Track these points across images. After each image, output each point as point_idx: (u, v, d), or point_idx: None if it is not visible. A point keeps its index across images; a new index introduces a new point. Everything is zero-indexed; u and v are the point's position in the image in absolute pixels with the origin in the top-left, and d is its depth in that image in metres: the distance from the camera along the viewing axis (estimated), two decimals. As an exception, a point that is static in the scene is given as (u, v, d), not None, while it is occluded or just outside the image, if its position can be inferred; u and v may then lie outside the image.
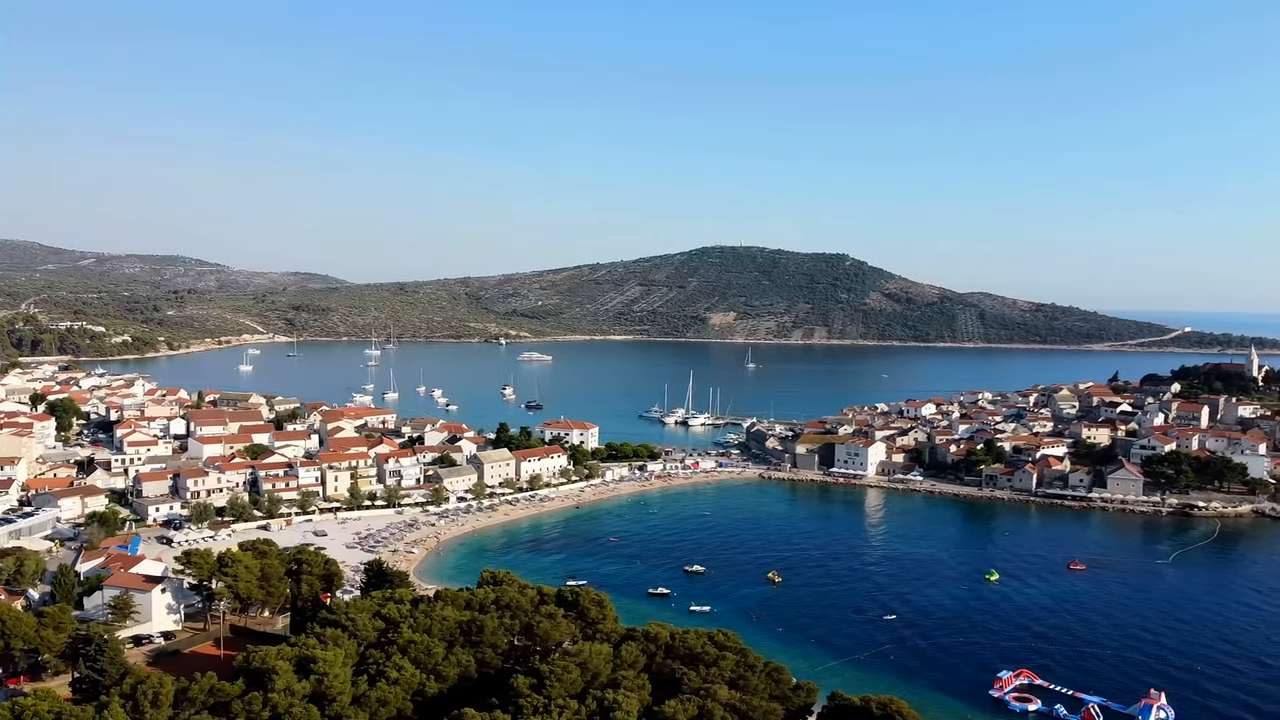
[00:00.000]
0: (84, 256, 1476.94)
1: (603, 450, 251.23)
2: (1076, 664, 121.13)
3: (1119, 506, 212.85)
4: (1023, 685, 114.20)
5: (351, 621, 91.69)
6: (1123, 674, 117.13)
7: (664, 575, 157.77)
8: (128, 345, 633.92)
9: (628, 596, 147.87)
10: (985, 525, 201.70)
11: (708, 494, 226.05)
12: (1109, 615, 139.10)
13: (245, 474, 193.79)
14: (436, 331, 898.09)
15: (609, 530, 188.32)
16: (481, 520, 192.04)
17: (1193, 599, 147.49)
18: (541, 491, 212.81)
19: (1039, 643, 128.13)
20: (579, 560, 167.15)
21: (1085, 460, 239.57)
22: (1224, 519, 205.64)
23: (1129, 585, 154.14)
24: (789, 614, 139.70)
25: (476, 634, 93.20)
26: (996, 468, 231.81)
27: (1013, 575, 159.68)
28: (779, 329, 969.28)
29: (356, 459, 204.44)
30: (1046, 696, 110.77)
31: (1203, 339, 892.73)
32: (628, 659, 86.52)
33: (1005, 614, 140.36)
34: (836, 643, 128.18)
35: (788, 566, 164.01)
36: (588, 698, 75.69)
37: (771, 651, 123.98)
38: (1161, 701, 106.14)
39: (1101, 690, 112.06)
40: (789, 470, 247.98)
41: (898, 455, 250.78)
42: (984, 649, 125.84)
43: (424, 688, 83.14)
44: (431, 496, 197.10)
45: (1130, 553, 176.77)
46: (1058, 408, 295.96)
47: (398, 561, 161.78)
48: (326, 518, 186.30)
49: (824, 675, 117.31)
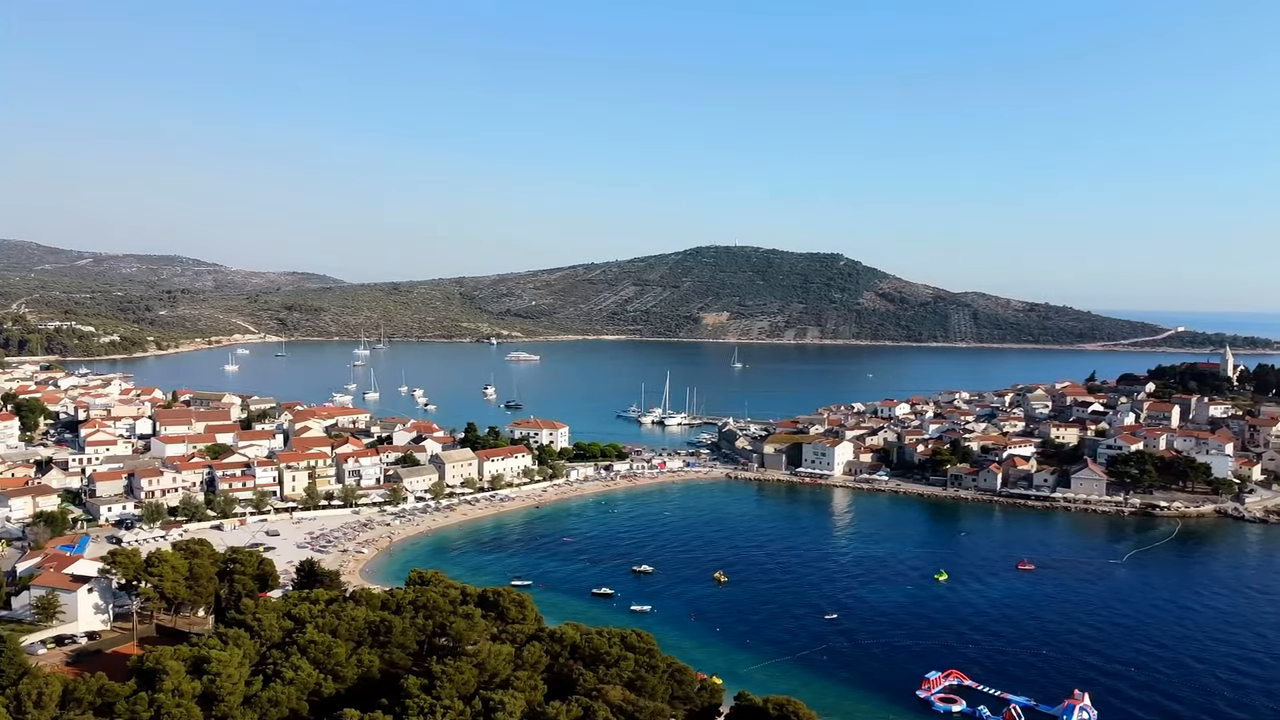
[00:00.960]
0: (81, 256, 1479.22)
1: (570, 450, 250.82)
2: (1008, 664, 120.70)
3: (1081, 506, 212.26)
4: (951, 686, 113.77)
5: (257, 621, 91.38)
6: (1053, 674, 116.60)
7: (611, 575, 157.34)
8: (115, 345, 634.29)
9: (571, 596, 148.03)
10: (944, 525, 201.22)
11: (671, 494, 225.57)
12: (1048, 616, 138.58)
13: (202, 474, 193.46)
14: (428, 331, 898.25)
15: (565, 530, 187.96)
16: (438, 520, 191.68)
17: (1135, 600, 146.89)
18: (503, 491, 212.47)
19: (974, 643, 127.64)
20: (529, 560, 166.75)
21: (1053, 460, 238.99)
22: (1185, 519, 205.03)
23: (1075, 586, 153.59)
24: (729, 614, 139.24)
25: (385, 634, 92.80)
26: (962, 467, 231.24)
27: (961, 575, 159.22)
28: (772, 329, 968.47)
29: (316, 459, 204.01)
30: (973, 697, 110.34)
31: (1195, 339, 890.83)
32: (530, 659, 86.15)
33: (947, 614, 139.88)
34: (772, 642, 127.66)
35: (737, 566, 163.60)
36: (475, 699, 75.39)
37: (704, 651, 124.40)
38: (1085, 702, 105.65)
39: (1029, 691, 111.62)
40: (756, 470, 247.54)
41: (866, 455, 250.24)
42: (919, 649, 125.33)
43: (320, 688, 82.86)
44: (389, 496, 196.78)
45: (1084, 553, 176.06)
46: (1031, 408, 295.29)
47: (346, 561, 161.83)
48: (282, 517, 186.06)
49: (753, 675, 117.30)
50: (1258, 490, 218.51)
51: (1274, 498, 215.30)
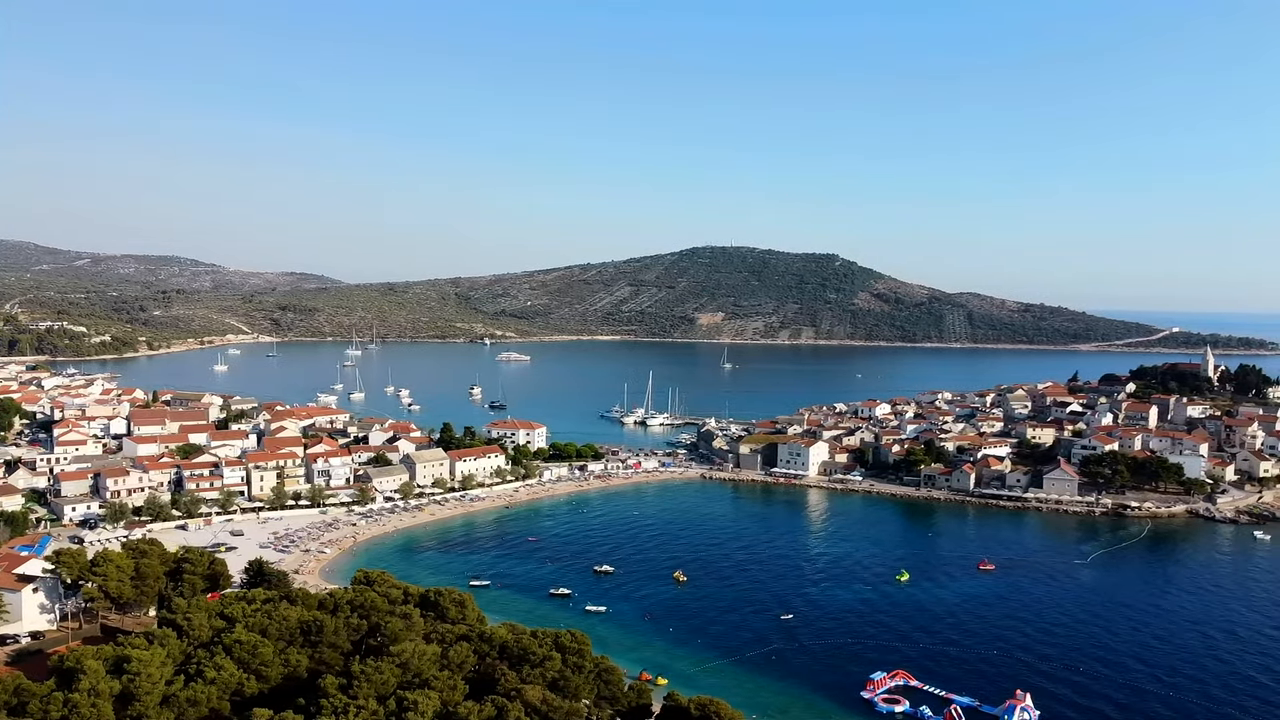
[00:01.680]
0: (79, 257, 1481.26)
1: (545, 450, 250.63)
2: (957, 665, 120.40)
3: (1053, 506, 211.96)
4: (897, 687, 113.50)
5: (187, 620, 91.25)
6: (999, 675, 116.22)
7: (571, 575, 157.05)
8: (106, 345, 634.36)
9: (528, 596, 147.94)
10: (913, 526, 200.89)
11: (643, 495, 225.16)
12: (1002, 616, 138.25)
13: (170, 473, 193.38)
14: (422, 332, 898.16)
15: (533, 530, 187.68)
16: (405, 520, 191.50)
17: (1091, 601, 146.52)
18: (474, 491, 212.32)
19: (925, 644, 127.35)
20: (491, 560, 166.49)
21: (1028, 460, 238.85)
22: (1156, 519, 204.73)
23: (1033, 586, 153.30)
24: (683, 614, 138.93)
25: (316, 634, 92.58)
26: (936, 468, 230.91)
27: (923, 576, 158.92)
28: (766, 329, 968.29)
29: (285, 459, 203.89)
30: (917, 698, 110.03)
31: (1189, 339, 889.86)
32: (456, 659, 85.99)
33: (902, 614, 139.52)
34: (722, 643, 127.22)
35: (699, 566, 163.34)
36: (390, 699, 75.25)
37: (653, 651, 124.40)
38: (1026, 702, 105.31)
39: (974, 691, 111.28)
40: (731, 471, 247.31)
41: (841, 455, 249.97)
42: (870, 649, 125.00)
43: (243, 687, 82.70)
44: (358, 496, 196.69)
45: (1049, 553, 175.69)
46: (1010, 408, 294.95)
47: (307, 561, 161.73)
48: (248, 517, 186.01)
49: (698, 676, 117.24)
50: (1230, 490, 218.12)
51: (1246, 498, 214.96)
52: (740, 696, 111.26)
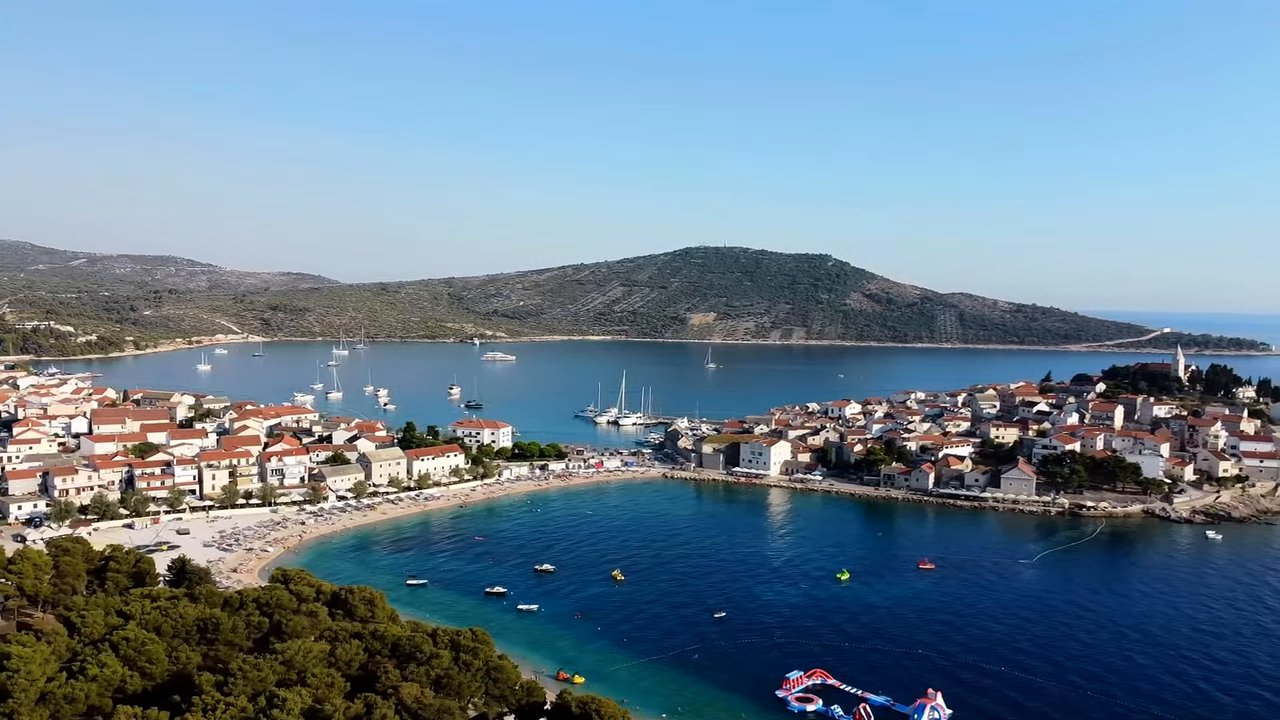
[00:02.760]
0: (75, 257, 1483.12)
1: (507, 450, 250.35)
2: (879, 663, 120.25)
3: (1010, 506, 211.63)
4: (813, 685, 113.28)
5: (81, 617, 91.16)
6: (919, 673, 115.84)
7: (511, 574, 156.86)
8: (92, 345, 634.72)
9: (464, 595, 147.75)
10: (866, 525, 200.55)
11: (601, 494, 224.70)
12: (933, 616, 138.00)
13: (121, 472, 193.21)
14: (412, 331, 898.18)
15: (484, 530, 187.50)
16: (355, 519, 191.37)
17: (1028, 600, 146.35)
18: (429, 490, 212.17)
19: (853, 642, 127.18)
20: (434, 559, 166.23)
21: (991, 460, 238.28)
22: (1112, 519, 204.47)
23: (972, 585, 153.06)
24: (617, 612, 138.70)
25: (212, 631, 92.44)
26: (896, 467, 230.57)
27: (863, 575, 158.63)
28: (757, 329, 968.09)
29: (239, 457, 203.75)
30: (831, 696, 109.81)
31: (1181, 340, 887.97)
32: (344, 657, 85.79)
33: (835, 613, 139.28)
34: (648, 641, 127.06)
35: (642, 565, 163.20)
36: (259, 697, 75.06)
37: (578, 650, 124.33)
38: (937, 701, 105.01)
39: (891, 690, 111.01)
40: (693, 470, 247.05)
41: (804, 455, 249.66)
42: (795, 648, 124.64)
43: (125, 685, 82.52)
44: (309, 495, 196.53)
45: (996, 553, 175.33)
46: (979, 407, 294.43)
47: (249, 559, 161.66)
48: (198, 516, 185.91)
49: (618, 674, 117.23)
50: (1188, 490, 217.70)
51: (1203, 498, 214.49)
52: (655, 695, 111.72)
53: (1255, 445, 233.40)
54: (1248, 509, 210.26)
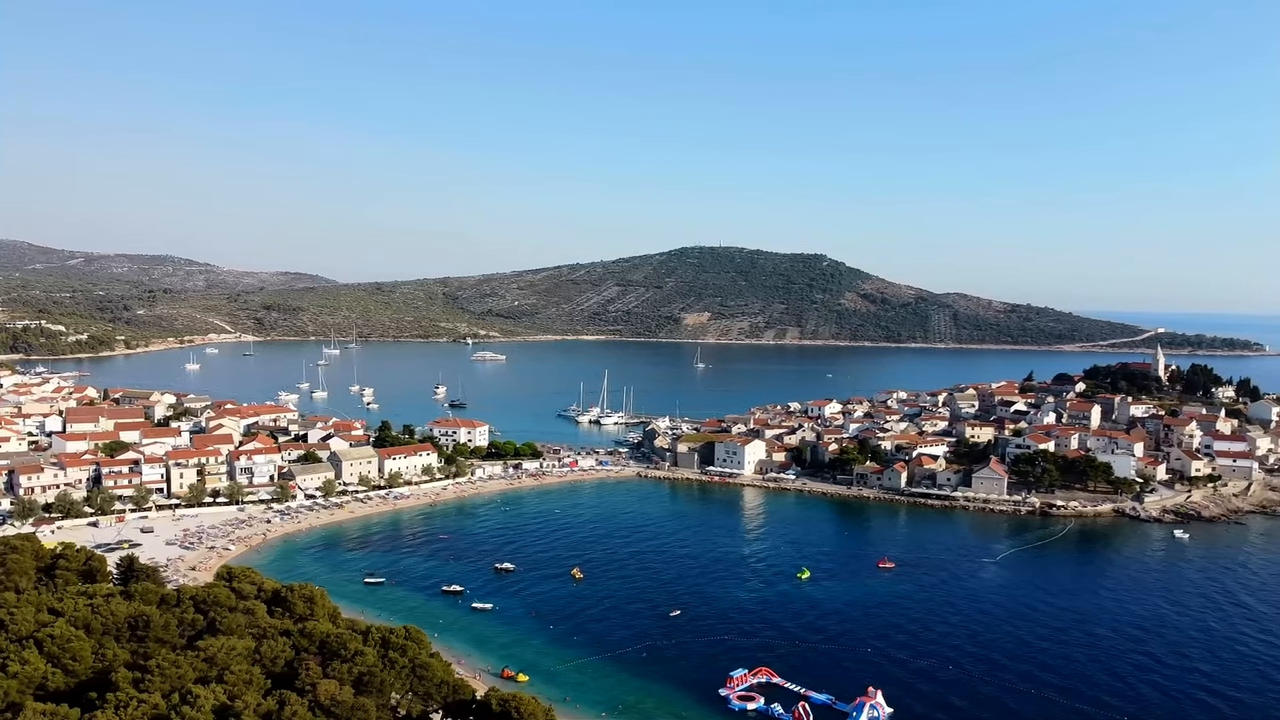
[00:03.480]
0: (73, 256, 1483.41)
1: (482, 449, 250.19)
2: (826, 662, 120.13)
3: (981, 505, 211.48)
4: (758, 684, 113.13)
5: (10, 615, 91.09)
6: (866, 672, 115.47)
7: (470, 572, 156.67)
8: (82, 344, 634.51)
9: (420, 593, 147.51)
10: (834, 523, 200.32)
11: (572, 493, 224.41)
12: (887, 614, 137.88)
13: (88, 470, 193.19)
14: (406, 331, 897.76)
15: (450, 528, 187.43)
16: (322, 518, 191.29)
17: (984, 598, 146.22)
18: (399, 489, 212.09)
19: (802, 640, 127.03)
20: (395, 557, 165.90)
21: (965, 459, 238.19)
22: (1081, 518, 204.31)
23: (929, 584, 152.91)
24: (570, 611, 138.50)
25: (143, 628, 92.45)
26: (869, 466, 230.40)
27: (823, 574, 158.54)
28: (752, 329, 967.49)
29: (208, 455, 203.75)
30: (773, 695, 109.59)
31: (1174, 340, 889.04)
32: (269, 655, 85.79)
33: (790, 611, 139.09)
34: (598, 639, 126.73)
35: (602, 563, 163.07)
36: (174, 694, 75.03)
37: (527, 648, 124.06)
38: (877, 699, 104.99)
39: (835, 688, 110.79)
40: (667, 469, 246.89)
41: (779, 454, 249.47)
42: (745, 646, 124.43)
43: (47, 681, 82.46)
44: (277, 494, 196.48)
45: (960, 552, 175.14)
46: (957, 407, 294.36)
47: (209, 558, 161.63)
48: (164, 514, 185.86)
49: (566, 672, 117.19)
50: (1160, 490, 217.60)
51: (1174, 497, 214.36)
52: (598, 693, 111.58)
53: (1229, 445, 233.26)
54: (1218, 508, 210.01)
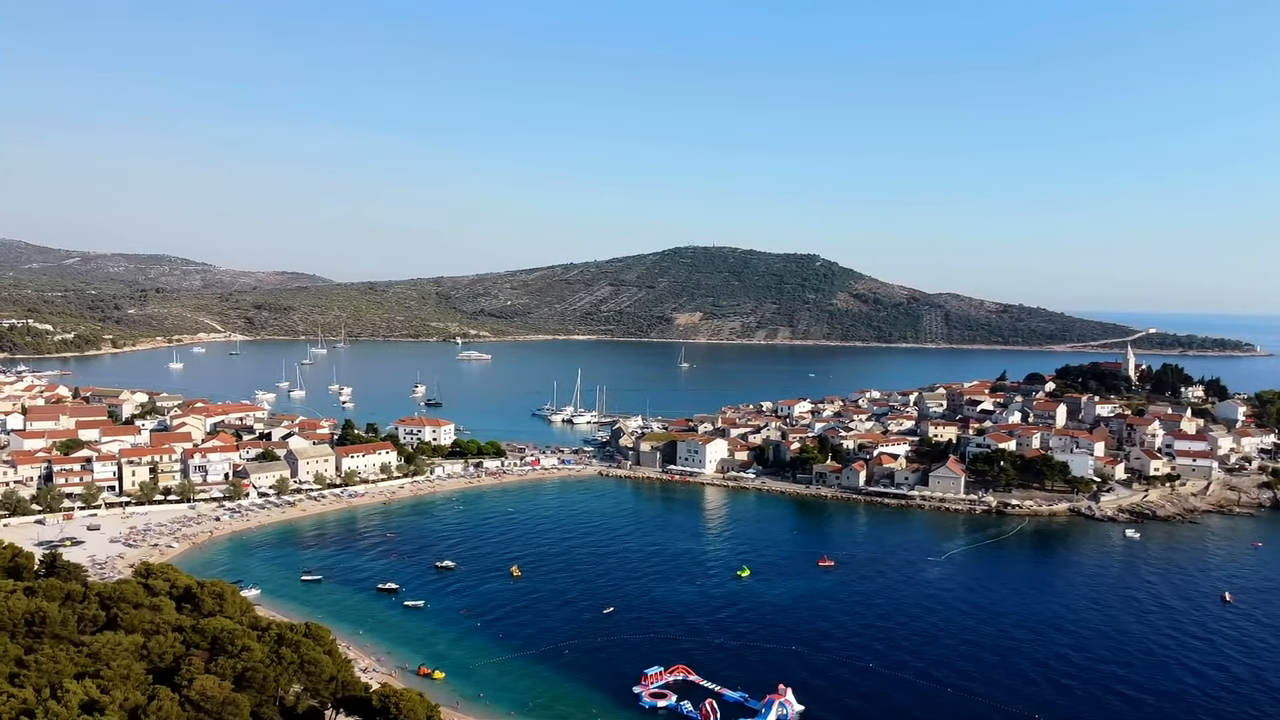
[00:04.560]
0: (69, 255, 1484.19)
1: (444, 447, 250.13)
2: (746, 659, 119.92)
3: (937, 504, 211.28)
4: (675, 681, 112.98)
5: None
6: (785, 670, 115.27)
7: (410, 570, 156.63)
8: (68, 344, 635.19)
9: (355, 590, 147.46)
10: (785, 522, 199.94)
11: (530, 491, 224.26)
12: (818, 612, 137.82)
13: (40, 468, 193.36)
14: (396, 331, 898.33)
15: (398, 526, 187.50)
16: (274, 516, 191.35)
17: (918, 596, 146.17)
18: (355, 488, 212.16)
19: (728, 638, 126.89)
20: (338, 555, 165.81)
21: (927, 458, 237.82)
22: (1037, 517, 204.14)
23: (866, 583, 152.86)
24: (502, 608, 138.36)
25: (40, 624, 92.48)
26: (829, 465, 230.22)
27: (763, 572, 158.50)
28: (743, 329, 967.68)
29: (162, 453, 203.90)
30: (688, 693, 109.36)
31: (1164, 340, 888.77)
32: (156, 650, 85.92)
33: (723, 609, 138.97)
34: (525, 637, 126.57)
35: (546, 561, 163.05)
36: (44, 689, 75.05)
37: (454, 646, 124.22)
38: (786, 697, 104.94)
39: (751, 686, 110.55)
40: (629, 468, 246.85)
41: (742, 453, 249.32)
42: (669, 644, 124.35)
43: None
44: (229, 492, 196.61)
45: (906, 550, 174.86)
46: (925, 406, 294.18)
47: (152, 555, 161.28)
48: (114, 512, 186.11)
49: (483, 669, 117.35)
50: (1118, 489, 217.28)
51: (1131, 496, 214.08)
52: (512, 690, 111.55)
53: (1190, 444, 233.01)
54: (1175, 508, 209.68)
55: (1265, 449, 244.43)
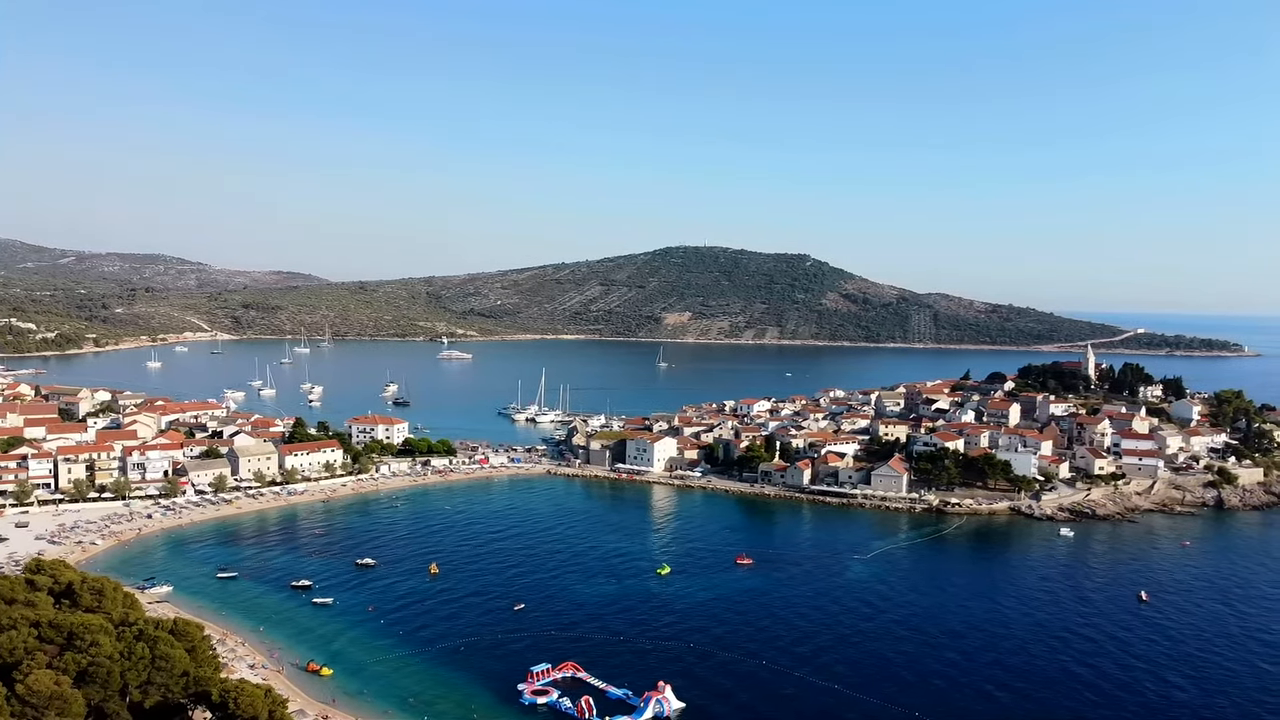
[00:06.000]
0: (64, 255, 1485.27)
1: (394, 446, 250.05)
2: (639, 657, 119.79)
3: (878, 503, 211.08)
4: (562, 678, 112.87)
5: None
6: (671, 666, 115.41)
7: (330, 567, 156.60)
8: (49, 342, 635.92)
9: (268, 587, 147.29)
10: (723, 519, 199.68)
11: (476, 490, 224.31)
12: (725, 609, 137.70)
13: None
14: (384, 330, 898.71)
15: (330, 524, 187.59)
16: (208, 513, 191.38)
17: (830, 594, 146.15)
18: (296, 486, 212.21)
19: (628, 635, 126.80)
20: (261, 552, 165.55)
21: (876, 457, 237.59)
22: (976, 516, 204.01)
23: (781, 580, 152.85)
24: (410, 606, 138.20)
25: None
26: (775, 464, 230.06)
27: (682, 570, 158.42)
28: (732, 329, 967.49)
29: (100, 450, 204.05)
30: (569, 690, 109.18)
31: (1152, 340, 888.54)
32: (6, 646, 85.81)
33: (632, 607, 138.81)
34: (425, 634, 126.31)
35: (468, 559, 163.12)
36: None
37: (353, 644, 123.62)
38: (665, 694, 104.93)
39: (639, 683, 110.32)
40: (578, 466, 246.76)
41: (691, 451, 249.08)
42: (566, 640, 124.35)
43: None
44: (165, 489, 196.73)
45: (834, 548, 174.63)
46: (882, 405, 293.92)
47: (74, 552, 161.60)
48: (46, 509, 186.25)
49: (374, 666, 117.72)
50: (1061, 488, 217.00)
51: (1072, 495, 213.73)
52: (397, 687, 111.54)
53: (1137, 443, 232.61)
54: (1116, 506, 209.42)
55: (1215, 448, 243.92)
